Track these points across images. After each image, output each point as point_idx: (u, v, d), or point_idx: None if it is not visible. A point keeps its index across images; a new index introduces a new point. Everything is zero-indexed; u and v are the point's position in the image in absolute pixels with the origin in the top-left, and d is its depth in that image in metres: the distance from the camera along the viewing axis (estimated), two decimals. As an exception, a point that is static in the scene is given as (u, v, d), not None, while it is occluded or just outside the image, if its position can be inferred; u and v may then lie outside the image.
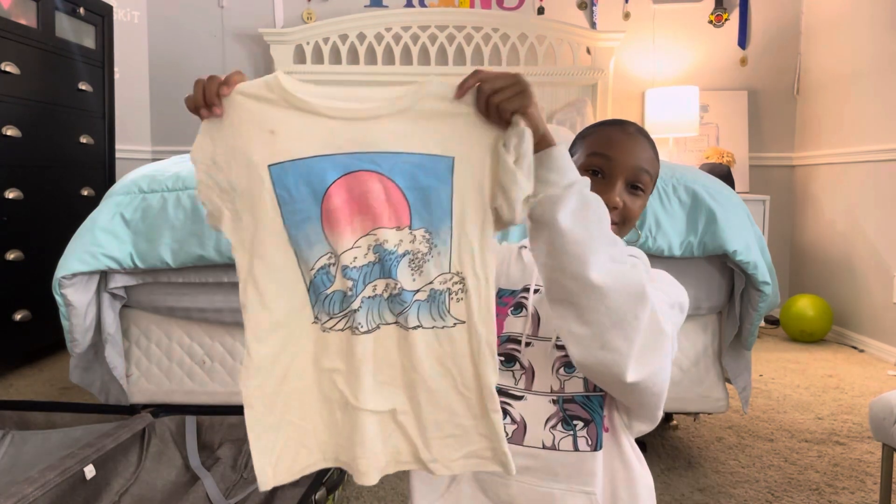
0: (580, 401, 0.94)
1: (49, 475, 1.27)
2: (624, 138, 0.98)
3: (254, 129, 0.83)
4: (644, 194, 0.99)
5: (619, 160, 0.97)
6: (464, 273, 0.86)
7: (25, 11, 2.66)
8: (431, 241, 0.86)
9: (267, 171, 0.83)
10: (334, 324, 0.87)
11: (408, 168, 0.84)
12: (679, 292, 0.93)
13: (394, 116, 0.84)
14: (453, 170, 0.84)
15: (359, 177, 0.83)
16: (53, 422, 1.67)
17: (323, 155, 0.83)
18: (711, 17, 3.84)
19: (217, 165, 0.85)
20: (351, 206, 0.84)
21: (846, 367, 2.87)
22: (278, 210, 0.84)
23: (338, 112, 0.83)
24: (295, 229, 0.85)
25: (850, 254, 3.33)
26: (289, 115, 0.83)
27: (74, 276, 1.64)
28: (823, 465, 1.87)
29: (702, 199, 1.70)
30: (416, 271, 0.86)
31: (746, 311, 1.71)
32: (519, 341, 0.98)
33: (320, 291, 0.86)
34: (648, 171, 0.98)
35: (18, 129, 2.58)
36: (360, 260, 0.85)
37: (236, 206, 0.85)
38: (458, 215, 0.85)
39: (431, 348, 0.87)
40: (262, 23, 3.86)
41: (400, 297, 0.85)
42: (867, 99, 3.22)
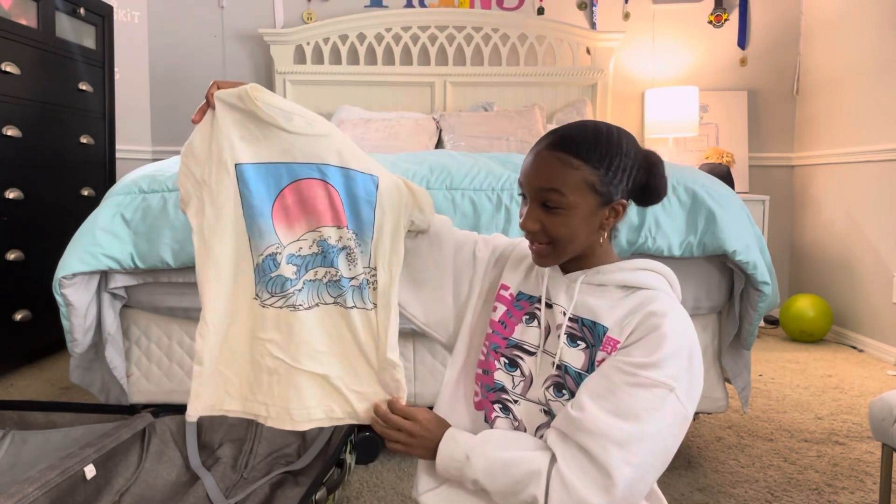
0: None
1: (49, 475, 1.28)
2: (529, 161, 0.98)
3: (228, 133, 1.03)
4: (565, 209, 0.93)
5: (527, 184, 0.97)
6: (378, 268, 1.09)
7: (25, 11, 2.66)
8: (358, 240, 1.09)
9: (234, 169, 1.04)
10: (274, 301, 1.07)
11: (346, 181, 1.07)
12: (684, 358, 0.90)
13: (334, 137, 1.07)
14: (378, 187, 1.09)
15: (309, 183, 1.06)
16: (54, 422, 1.67)
17: (281, 162, 1.05)
18: (711, 17, 3.84)
19: (196, 158, 1.05)
20: (300, 206, 1.06)
21: (846, 367, 2.87)
22: (240, 203, 1.04)
23: (294, 127, 1.04)
24: (251, 220, 1.05)
25: (850, 254, 3.33)
26: (255, 125, 1.04)
27: (75, 276, 1.64)
28: (823, 464, 1.87)
29: (701, 200, 1.70)
30: (352, 263, 1.08)
31: (746, 311, 1.71)
32: (525, 349, 1.02)
33: (265, 274, 1.06)
34: (555, 188, 0.93)
35: (18, 129, 2.58)
36: (305, 250, 1.07)
37: (203, 196, 1.04)
38: (378, 223, 1.09)
39: (362, 323, 1.09)
40: (262, 23, 3.86)
41: (339, 282, 1.08)
42: (867, 99, 3.22)
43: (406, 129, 3.24)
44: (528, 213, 0.96)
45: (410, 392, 1.79)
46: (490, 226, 1.71)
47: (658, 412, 0.86)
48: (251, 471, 1.64)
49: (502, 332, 1.04)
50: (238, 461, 1.66)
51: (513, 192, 1.74)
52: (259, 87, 1.02)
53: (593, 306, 0.96)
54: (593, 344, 0.95)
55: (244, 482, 1.60)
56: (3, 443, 1.61)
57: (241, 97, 1.01)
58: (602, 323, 0.95)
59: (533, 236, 0.97)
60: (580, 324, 0.97)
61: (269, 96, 1.02)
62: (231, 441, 1.70)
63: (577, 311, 0.97)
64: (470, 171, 1.79)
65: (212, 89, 1.02)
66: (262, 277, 1.06)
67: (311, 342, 1.07)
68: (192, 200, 1.05)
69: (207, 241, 1.04)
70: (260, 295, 1.06)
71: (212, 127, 1.03)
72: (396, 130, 3.21)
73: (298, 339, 1.06)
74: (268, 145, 1.04)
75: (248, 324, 1.07)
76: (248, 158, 1.03)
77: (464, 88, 3.73)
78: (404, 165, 1.83)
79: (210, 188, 1.03)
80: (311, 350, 1.07)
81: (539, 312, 1.02)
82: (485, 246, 1.13)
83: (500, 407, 1.02)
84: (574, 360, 0.96)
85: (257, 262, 1.06)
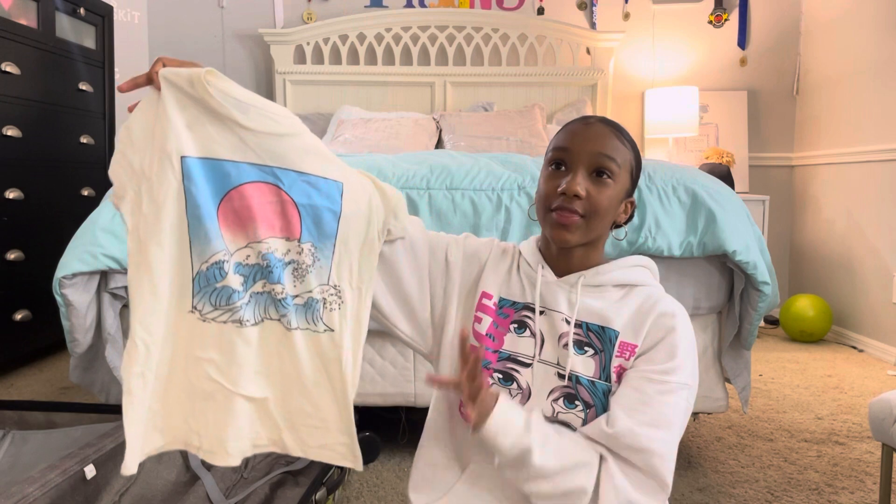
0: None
1: (49, 475, 1.27)
2: (583, 128, 0.97)
3: (173, 119, 0.88)
4: (613, 182, 0.95)
5: (578, 149, 0.95)
6: (341, 286, 0.96)
7: (26, 12, 2.66)
8: (316, 254, 0.95)
9: (179, 161, 0.89)
10: (217, 315, 0.92)
11: (305, 187, 0.93)
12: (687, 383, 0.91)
13: (298, 136, 0.94)
14: (343, 194, 0.96)
15: (260, 187, 0.92)
16: (53, 422, 1.66)
17: (231, 160, 0.91)
18: (711, 17, 3.84)
19: (134, 145, 0.89)
20: (249, 212, 0.92)
21: (846, 367, 2.87)
22: (183, 200, 0.90)
23: (251, 123, 0.90)
24: (196, 222, 0.90)
25: (850, 254, 3.33)
26: (205, 114, 0.89)
27: (75, 276, 1.64)
28: (823, 464, 1.87)
29: (701, 200, 1.70)
30: (299, 279, 0.94)
31: (746, 311, 1.71)
32: (519, 361, 0.97)
33: (210, 283, 0.91)
34: (612, 156, 0.94)
35: (18, 129, 2.58)
36: (252, 259, 0.93)
37: (141, 190, 0.89)
38: (343, 234, 0.96)
39: (308, 348, 0.95)
40: (262, 23, 3.86)
41: (284, 300, 0.94)
42: (867, 99, 3.22)
43: (406, 129, 3.24)
44: (576, 179, 0.92)
45: (409, 392, 1.79)
46: (490, 226, 1.71)
47: (683, 412, 0.90)
48: (251, 471, 1.64)
49: (492, 346, 0.99)
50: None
51: (513, 192, 1.74)
52: (214, 72, 0.88)
53: (596, 309, 0.95)
54: (602, 349, 0.93)
55: (244, 482, 1.60)
56: (3, 443, 1.61)
57: (192, 81, 0.87)
58: (611, 327, 0.94)
59: (570, 203, 0.92)
60: (585, 329, 0.95)
61: (224, 83, 0.89)
62: (231, 441, 1.70)
63: (579, 316, 0.95)
64: (470, 171, 1.79)
65: (156, 66, 0.88)
66: (206, 287, 0.91)
67: (253, 363, 0.93)
68: (128, 194, 0.90)
69: (143, 244, 0.89)
70: (199, 308, 0.92)
71: (157, 109, 0.88)
72: (396, 130, 3.21)
73: (241, 360, 0.92)
74: (218, 139, 0.90)
75: (185, 342, 0.92)
76: (195, 151, 0.89)
77: (464, 88, 3.73)
78: (404, 165, 1.83)
79: (149, 181, 0.88)
80: (252, 371, 0.93)
81: (530, 321, 0.98)
82: (456, 248, 1.06)
83: None
84: (584, 368, 0.93)
85: (200, 269, 0.91)
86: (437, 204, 1.72)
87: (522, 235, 1.70)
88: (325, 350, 0.95)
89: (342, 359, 0.95)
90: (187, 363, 0.92)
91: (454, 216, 1.71)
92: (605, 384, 0.93)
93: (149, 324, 0.89)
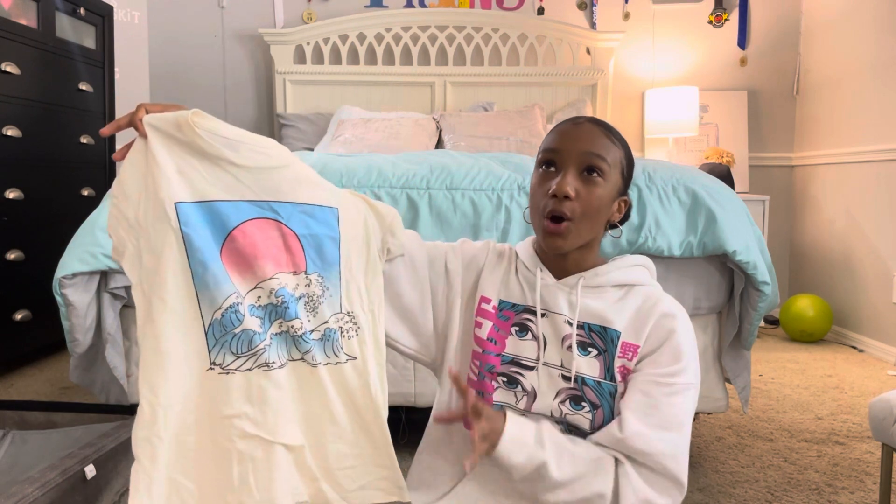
0: (584, 435, 0.95)
1: (49, 475, 1.27)
2: (572, 129, 0.96)
3: (164, 166, 0.85)
4: (603, 181, 0.94)
5: (568, 149, 0.94)
6: (354, 312, 0.94)
7: (25, 11, 2.66)
8: (324, 284, 0.92)
9: (174, 208, 0.85)
10: (241, 363, 0.87)
11: (303, 217, 0.91)
12: (692, 383, 0.92)
13: (289, 167, 0.91)
14: (339, 219, 0.94)
15: (261, 224, 0.89)
16: (53, 422, 1.66)
17: (227, 200, 0.88)
18: (711, 17, 3.84)
19: (128, 198, 0.86)
20: (254, 250, 0.88)
21: (846, 367, 2.87)
22: (183, 248, 0.85)
23: (242, 160, 0.88)
24: (202, 268, 0.86)
25: (850, 254, 3.33)
26: (195, 157, 0.86)
27: (75, 276, 1.64)
28: (823, 464, 1.87)
29: (701, 200, 1.70)
30: (311, 312, 0.92)
31: (746, 311, 1.71)
32: (523, 364, 0.97)
33: (228, 330, 0.86)
34: (601, 155, 0.94)
35: (18, 129, 2.58)
36: (264, 299, 0.89)
37: (139, 242, 0.86)
38: (345, 259, 0.94)
39: (334, 383, 0.92)
40: (262, 23, 3.86)
41: (304, 335, 0.90)
42: (867, 99, 3.22)
43: (406, 129, 3.24)
44: (566, 179, 0.92)
45: (409, 392, 1.79)
46: (490, 226, 1.71)
47: (690, 410, 0.91)
48: (251, 471, 1.64)
49: (494, 350, 0.99)
50: (238, 461, 1.65)
51: (513, 192, 1.74)
52: (200, 113, 0.86)
53: (597, 310, 0.95)
54: (605, 349, 0.94)
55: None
56: (3, 443, 1.61)
57: (180, 125, 0.84)
58: (613, 328, 0.94)
59: (560, 206, 0.92)
60: (587, 330, 0.95)
61: (211, 123, 0.86)
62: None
63: (580, 318, 0.96)
64: (470, 171, 1.79)
65: (139, 113, 0.86)
66: (224, 336, 0.86)
67: (288, 408, 0.89)
68: (128, 248, 0.86)
69: (147, 297, 0.85)
70: (219, 361, 0.86)
71: (146, 158, 0.85)
72: (396, 130, 3.21)
73: (276, 406, 0.86)
74: (211, 180, 0.87)
75: (207, 403, 0.86)
76: (190, 196, 0.86)
77: (464, 88, 3.73)
78: (404, 165, 1.83)
79: (146, 232, 0.85)
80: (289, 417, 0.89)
81: (531, 324, 0.98)
82: (454, 256, 1.06)
83: None
84: (589, 369, 0.94)
85: (213, 318, 0.86)
86: (437, 204, 1.72)
87: (522, 235, 1.69)
88: (350, 380, 0.92)
89: (370, 386, 0.93)
90: (214, 428, 0.86)
91: (454, 216, 1.71)
92: (611, 384, 0.94)
93: (154, 384, 0.83)
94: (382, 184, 1.75)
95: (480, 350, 0.99)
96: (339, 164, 1.82)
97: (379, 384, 0.94)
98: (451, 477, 1.01)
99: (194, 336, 0.86)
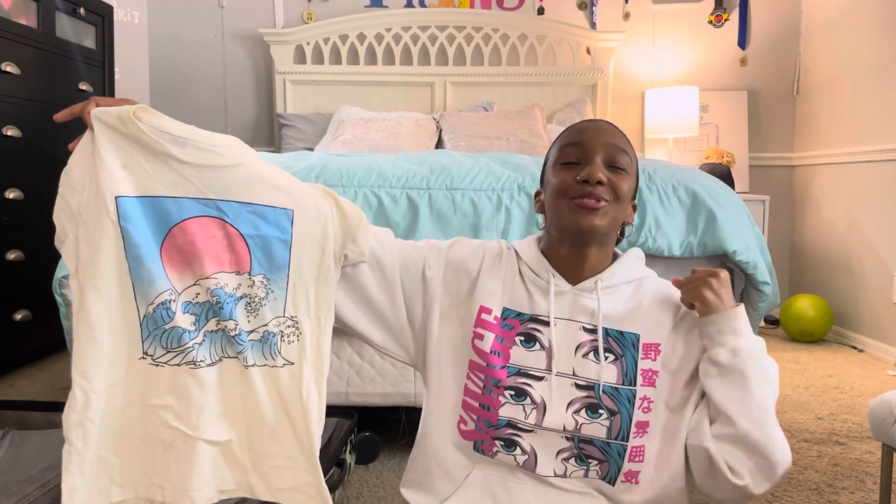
0: (599, 445, 0.92)
1: (49, 475, 1.27)
2: (592, 125, 0.98)
3: (107, 160, 0.86)
4: (627, 174, 0.95)
5: (592, 141, 0.95)
6: (298, 317, 0.92)
7: (25, 11, 2.66)
8: (269, 286, 0.92)
9: (114, 202, 0.85)
10: (170, 358, 0.88)
11: (251, 218, 0.90)
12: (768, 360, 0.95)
13: (242, 166, 0.90)
14: (293, 221, 0.92)
15: (203, 222, 0.89)
16: (53, 422, 1.66)
17: (170, 196, 0.88)
18: (711, 17, 3.84)
19: (73, 188, 0.88)
20: (193, 248, 0.88)
21: (846, 367, 2.87)
22: (122, 242, 0.86)
23: (188, 157, 0.87)
24: (137, 263, 0.86)
25: (850, 254, 3.33)
26: (140, 152, 0.87)
27: (75, 276, 1.64)
28: (823, 464, 1.87)
29: (702, 200, 1.70)
30: (252, 314, 0.91)
31: (746, 311, 1.71)
32: (531, 375, 0.94)
33: (158, 326, 0.88)
34: (625, 150, 0.95)
35: (18, 129, 2.58)
36: (202, 297, 0.90)
37: (79, 233, 0.87)
38: (296, 263, 0.92)
39: (267, 385, 0.91)
40: (262, 23, 3.86)
41: (238, 336, 0.90)
42: (867, 99, 3.22)
43: (406, 129, 3.24)
44: (596, 165, 0.92)
45: (409, 392, 1.79)
46: (490, 226, 1.71)
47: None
48: (251, 471, 1.64)
49: (499, 363, 0.94)
50: (238, 461, 1.65)
51: (513, 192, 1.74)
52: (146, 108, 0.87)
53: (613, 314, 0.94)
54: (622, 354, 0.92)
55: (244, 482, 1.59)
56: (3, 443, 1.61)
57: (123, 119, 0.86)
58: (631, 331, 0.93)
59: (595, 189, 0.91)
60: (604, 335, 0.93)
61: (156, 119, 0.87)
62: (231, 441, 1.70)
63: (594, 322, 0.94)
64: (470, 171, 1.79)
65: (89, 106, 0.89)
66: (155, 330, 0.88)
67: (214, 405, 0.90)
68: (68, 237, 0.87)
69: (82, 288, 0.86)
70: (151, 352, 0.88)
71: (90, 153, 0.87)
72: (396, 130, 3.21)
73: (199, 403, 0.88)
74: (155, 176, 0.87)
75: (137, 390, 0.88)
76: (132, 190, 0.87)
77: (464, 88, 3.73)
78: (404, 165, 1.83)
79: (86, 223, 0.86)
80: (214, 414, 0.90)
81: (538, 333, 0.95)
82: (437, 262, 1.01)
83: (503, 444, 0.94)
84: (608, 376, 0.92)
85: (146, 312, 0.88)
86: (437, 204, 1.72)
87: (522, 235, 1.69)
88: (285, 385, 0.92)
89: (302, 393, 0.92)
90: (143, 413, 0.89)
91: (454, 216, 1.71)
92: (629, 389, 0.91)
93: (86, 370, 0.86)
94: (382, 184, 1.75)
95: (484, 364, 0.95)
96: (339, 164, 1.82)
97: (315, 392, 0.93)
98: (448, 483, 0.97)
99: (129, 325, 0.88)
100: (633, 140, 3.87)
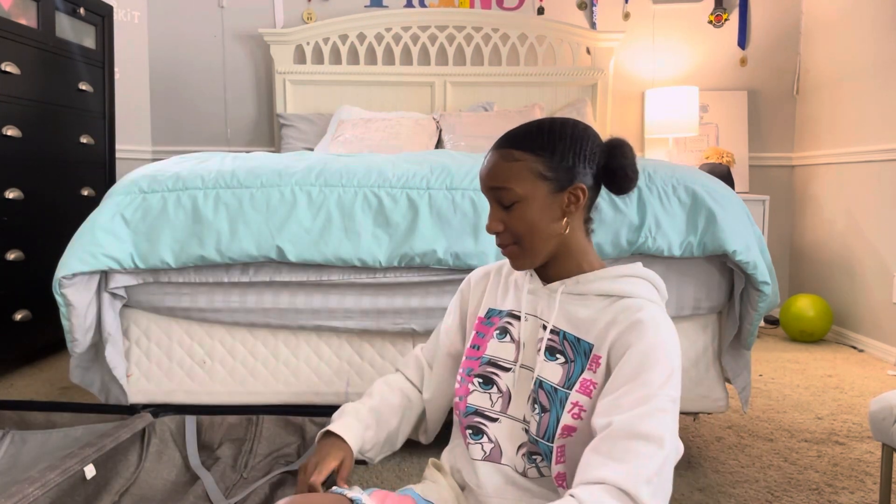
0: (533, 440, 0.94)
1: (49, 475, 1.27)
2: (483, 164, 1.00)
3: None
4: (520, 203, 0.94)
5: (483, 188, 0.99)
6: None
7: (25, 11, 2.66)
8: None
9: None
10: None
11: None
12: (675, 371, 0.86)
13: None
14: None
15: None
16: (53, 422, 1.66)
17: None
18: (711, 17, 3.84)
19: None
20: None
21: (846, 367, 2.87)
22: None
23: None
24: None
25: (850, 254, 3.33)
26: None
27: (75, 276, 1.64)
28: (823, 464, 1.87)
29: (701, 199, 1.70)
30: None
31: (746, 311, 1.71)
32: (500, 365, 0.99)
33: None
34: (503, 186, 0.95)
35: (18, 129, 2.58)
36: None
37: None
38: None
39: None
40: (262, 23, 3.86)
41: None
42: (867, 99, 3.22)
43: (406, 129, 3.24)
44: (491, 216, 0.97)
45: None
46: (490, 226, 1.71)
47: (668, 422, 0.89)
48: (251, 470, 1.64)
49: (475, 355, 1.03)
50: (238, 461, 1.65)
51: (513, 192, 1.74)
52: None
53: (577, 319, 0.94)
54: (573, 360, 0.92)
55: (244, 482, 1.60)
56: (2, 443, 1.61)
57: None
58: (586, 339, 0.92)
59: (498, 237, 0.97)
60: (561, 337, 0.94)
61: None
62: (231, 441, 1.70)
63: (558, 324, 0.95)
64: (470, 171, 1.79)
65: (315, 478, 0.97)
66: None
67: None
68: None
69: None
70: None
71: None
72: (396, 130, 3.21)
73: None
74: None
75: None
76: None
77: (464, 88, 3.73)
78: (404, 165, 1.83)
79: None
80: None
81: (511, 327, 1.00)
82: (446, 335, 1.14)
83: (472, 432, 0.99)
84: (551, 374, 0.93)
85: None
86: (437, 204, 1.72)
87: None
88: None
89: None
90: None
91: (454, 216, 1.71)
92: (566, 392, 0.91)
93: None
94: (382, 184, 1.75)
95: (465, 358, 1.04)
96: (339, 164, 1.82)
97: None
98: (447, 490, 1.04)
99: None
100: (634, 140, 3.87)
